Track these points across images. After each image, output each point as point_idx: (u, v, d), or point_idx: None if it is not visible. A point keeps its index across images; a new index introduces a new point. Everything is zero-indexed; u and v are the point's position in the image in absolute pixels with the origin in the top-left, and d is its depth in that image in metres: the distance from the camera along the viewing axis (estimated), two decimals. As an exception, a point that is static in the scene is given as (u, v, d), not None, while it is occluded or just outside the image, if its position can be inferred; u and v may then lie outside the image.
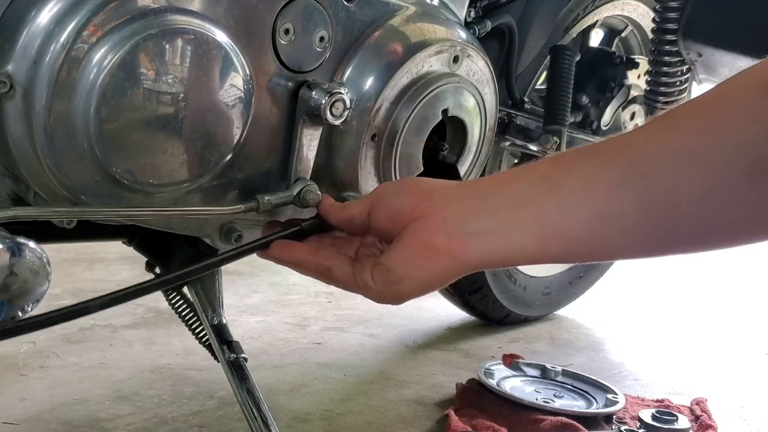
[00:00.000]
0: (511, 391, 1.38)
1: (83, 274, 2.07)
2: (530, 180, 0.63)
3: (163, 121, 0.80)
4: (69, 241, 1.00)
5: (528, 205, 0.62)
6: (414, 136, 0.99)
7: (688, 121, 0.56)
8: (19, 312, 0.74)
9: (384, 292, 0.68)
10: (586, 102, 1.58)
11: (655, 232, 0.58)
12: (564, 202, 0.60)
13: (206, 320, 1.05)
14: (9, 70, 0.74)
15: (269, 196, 0.90)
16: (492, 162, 1.54)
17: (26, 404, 1.30)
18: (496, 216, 0.63)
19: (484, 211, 0.64)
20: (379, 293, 0.69)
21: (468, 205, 0.65)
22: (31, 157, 0.77)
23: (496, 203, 0.64)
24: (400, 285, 0.67)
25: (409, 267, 0.66)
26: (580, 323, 1.96)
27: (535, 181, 0.62)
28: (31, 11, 0.74)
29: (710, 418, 1.35)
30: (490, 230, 0.63)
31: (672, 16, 1.37)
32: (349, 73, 0.95)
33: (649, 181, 0.56)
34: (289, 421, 1.29)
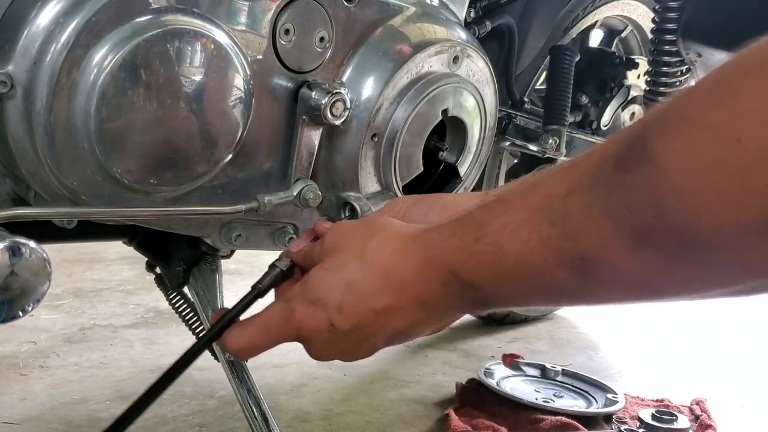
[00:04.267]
0: (511, 390, 1.38)
1: (84, 274, 2.08)
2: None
3: (163, 121, 0.80)
4: (69, 241, 1.00)
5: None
6: (414, 136, 1.00)
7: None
8: (19, 312, 0.74)
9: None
10: (586, 102, 1.58)
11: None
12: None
13: (206, 320, 1.05)
14: (9, 70, 0.74)
15: (270, 196, 0.91)
16: (492, 162, 1.55)
17: (27, 404, 1.31)
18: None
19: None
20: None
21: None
22: (32, 157, 0.77)
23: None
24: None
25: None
26: (579, 323, 1.96)
27: None
28: (32, 11, 0.74)
29: (710, 418, 1.35)
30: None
31: (672, 16, 1.37)
32: (350, 73, 0.95)
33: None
34: (290, 420, 1.29)
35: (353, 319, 0.62)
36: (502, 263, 0.54)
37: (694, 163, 0.42)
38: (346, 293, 0.62)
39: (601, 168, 0.48)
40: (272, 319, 0.66)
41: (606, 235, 0.47)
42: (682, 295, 0.50)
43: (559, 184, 0.51)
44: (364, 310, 0.61)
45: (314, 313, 0.63)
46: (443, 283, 0.58)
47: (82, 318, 1.75)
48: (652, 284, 0.49)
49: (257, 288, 0.69)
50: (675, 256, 0.45)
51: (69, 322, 1.70)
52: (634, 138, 0.46)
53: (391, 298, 0.61)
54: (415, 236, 0.61)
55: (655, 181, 0.44)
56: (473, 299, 0.59)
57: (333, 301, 0.62)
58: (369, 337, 0.63)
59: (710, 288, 0.48)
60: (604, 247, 0.48)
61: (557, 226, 0.50)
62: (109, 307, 1.85)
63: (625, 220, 0.46)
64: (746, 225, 0.41)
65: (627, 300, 0.53)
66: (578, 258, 0.50)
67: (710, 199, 0.41)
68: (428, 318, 0.62)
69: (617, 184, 0.46)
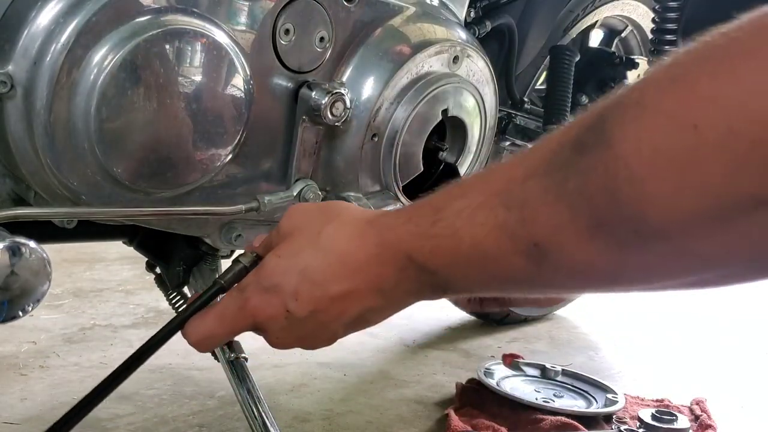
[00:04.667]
0: (511, 390, 1.38)
1: (84, 274, 2.07)
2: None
3: (163, 121, 0.80)
4: (69, 241, 1.00)
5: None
6: (414, 136, 1.00)
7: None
8: (19, 312, 0.74)
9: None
10: (586, 102, 1.58)
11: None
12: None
13: (206, 320, 1.05)
14: (9, 70, 0.74)
15: (270, 196, 0.91)
16: (492, 162, 1.54)
17: (27, 404, 1.31)
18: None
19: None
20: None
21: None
22: (32, 157, 0.77)
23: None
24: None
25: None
26: (579, 323, 1.96)
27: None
28: (32, 11, 0.74)
29: (710, 418, 1.35)
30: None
31: (672, 16, 1.37)
32: (349, 73, 0.95)
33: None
34: (290, 420, 1.29)
35: (309, 305, 0.61)
36: (459, 247, 0.53)
37: (648, 149, 0.41)
38: (301, 279, 0.61)
39: (559, 153, 0.48)
40: (227, 309, 0.65)
41: (561, 222, 0.47)
42: (638, 284, 0.49)
43: (517, 169, 0.51)
44: (321, 296, 0.61)
45: (269, 300, 0.62)
46: (399, 268, 0.58)
47: (82, 318, 1.74)
48: (606, 273, 0.48)
49: (218, 283, 0.69)
50: (628, 244, 0.44)
51: (69, 322, 1.70)
52: (593, 122, 0.46)
53: (347, 283, 0.60)
54: (371, 220, 0.61)
55: (611, 167, 0.43)
56: (430, 284, 0.58)
57: (288, 287, 0.61)
58: (327, 323, 0.62)
59: (665, 278, 0.47)
60: (558, 234, 0.47)
61: (513, 211, 0.49)
62: (109, 307, 1.85)
63: (580, 206, 0.45)
64: (699, 213, 0.40)
65: (582, 289, 0.53)
66: (533, 244, 0.49)
67: (664, 187, 0.41)
68: (385, 304, 0.61)
69: (574, 168, 0.46)
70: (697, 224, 0.41)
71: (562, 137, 0.48)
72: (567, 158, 0.47)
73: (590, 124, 0.46)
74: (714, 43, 0.41)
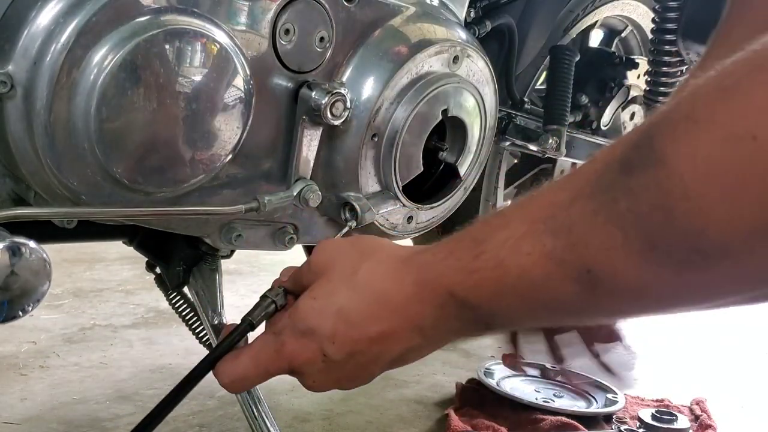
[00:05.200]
0: (511, 391, 1.38)
1: (84, 274, 2.08)
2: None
3: (163, 121, 0.80)
4: (69, 241, 1.00)
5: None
6: (414, 136, 0.99)
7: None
8: (19, 312, 0.74)
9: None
10: (586, 102, 1.58)
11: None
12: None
13: (206, 320, 1.05)
14: (9, 70, 0.74)
15: (270, 197, 0.91)
16: (492, 162, 1.54)
17: (27, 404, 1.31)
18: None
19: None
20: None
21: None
22: (32, 157, 0.77)
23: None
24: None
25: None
26: (580, 323, 1.95)
27: None
28: (32, 11, 0.74)
29: (710, 418, 1.35)
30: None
31: (672, 16, 1.37)
32: (350, 73, 0.95)
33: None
34: (289, 420, 1.29)
35: (346, 347, 0.60)
36: (504, 280, 0.51)
37: (704, 163, 0.40)
38: (337, 321, 0.59)
39: (605, 173, 0.46)
40: (263, 352, 0.64)
41: (614, 245, 0.45)
42: (697, 304, 0.48)
43: (560, 193, 0.49)
44: (358, 338, 0.59)
45: (305, 344, 0.61)
46: (439, 305, 0.56)
47: (82, 318, 1.74)
48: (663, 295, 0.47)
49: (247, 320, 0.67)
50: (687, 264, 0.43)
51: (69, 322, 1.70)
52: (640, 140, 0.44)
53: (385, 324, 0.58)
54: (407, 258, 0.59)
55: (664, 184, 0.42)
56: (473, 320, 0.56)
57: (324, 330, 0.60)
58: (365, 365, 0.61)
59: (726, 295, 0.46)
60: (612, 258, 0.45)
61: (561, 238, 0.48)
62: (109, 307, 1.85)
63: (633, 227, 0.44)
64: (761, 226, 0.39)
65: (637, 313, 0.51)
66: (585, 270, 0.47)
67: (723, 201, 0.40)
68: (425, 342, 0.60)
69: (623, 189, 0.44)
70: (759, 238, 0.40)
71: (606, 158, 0.47)
72: (614, 179, 0.45)
73: (637, 143, 0.45)
74: (764, 51, 0.40)
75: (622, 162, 0.45)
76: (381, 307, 0.59)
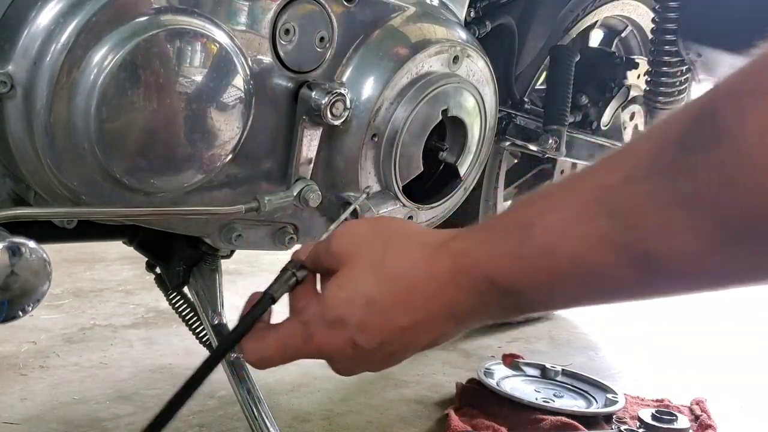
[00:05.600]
0: (511, 390, 1.38)
1: (84, 274, 2.07)
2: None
3: (163, 121, 0.80)
4: (69, 241, 1.00)
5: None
6: (414, 136, 1.00)
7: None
8: (19, 312, 0.74)
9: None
10: (586, 102, 1.58)
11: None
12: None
13: (206, 320, 1.05)
14: (9, 71, 0.74)
15: (270, 197, 0.91)
16: (492, 162, 1.55)
17: (27, 404, 1.31)
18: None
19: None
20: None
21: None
22: (32, 157, 0.77)
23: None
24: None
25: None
26: (579, 323, 1.96)
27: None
28: (32, 11, 0.74)
29: (710, 418, 1.35)
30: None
31: (672, 16, 1.37)
32: (350, 73, 0.95)
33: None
34: (289, 420, 1.29)
35: (377, 337, 0.58)
36: (554, 266, 0.49)
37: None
38: (367, 312, 0.58)
39: (663, 153, 0.44)
40: (291, 339, 0.63)
41: (676, 227, 0.43)
42: (759, 280, 0.45)
43: (611, 175, 0.47)
44: (389, 328, 0.58)
45: (335, 334, 0.60)
46: (478, 292, 0.54)
47: (82, 318, 1.74)
48: (725, 272, 0.45)
49: (269, 295, 0.65)
50: (756, 241, 0.41)
51: (69, 322, 1.70)
52: (701, 117, 0.42)
53: (418, 313, 0.57)
54: (440, 245, 0.57)
55: (731, 161, 0.40)
56: (512, 306, 0.54)
57: (354, 320, 0.58)
58: (395, 352, 0.60)
59: None
60: (674, 239, 0.43)
61: (617, 220, 0.46)
62: (109, 307, 1.85)
63: (698, 207, 0.42)
64: None
65: (691, 291, 0.48)
66: (642, 253, 0.45)
67: None
68: (457, 328, 0.59)
69: (685, 169, 0.42)
70: None
71: (661, 136, 0.45)
72: (673, 160, 0.43)
73: (697, 119, 0.43)
74: None
75: (681, 141, 0.43)
76: (413, 296, 0.57)
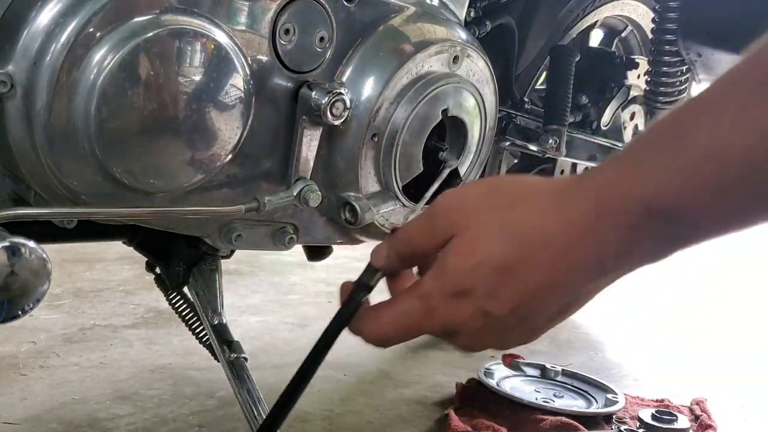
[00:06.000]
0: (511, 390, 1.38)
1: (84, 274, 2.07)
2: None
3: (163, 121, 0.80)
4: (69, 241, 1.00)
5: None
6: (414, 136, 0.99)
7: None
8: (19, 312, 0.74)
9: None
10: (586, 102, 1.58)
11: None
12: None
13: (206, 320, 1.05)
14: (9, 70, 0.74)
15: (270, 197, 0.91)
16: (492, 162, 1.54)
17: (27, 404, 1.31)
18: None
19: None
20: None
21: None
22: (32, 156, 0.77)
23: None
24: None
25: None
26: (579, 323, 1.96)
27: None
28: (32, 11, 0.74)
29: (710, 418, 1.35)
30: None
31: (672, 16, 1.37)
32: (350, 73, 0.95)
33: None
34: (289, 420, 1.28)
35: (511, 302, 0.53)
36: (723, 170, 0.43)
37: None
38: (497, 276, 0.52)
39: None
40: (409, 317, 0.58)
41: None
42: None
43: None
44: (524, 290, 0.52)
45: (461, 306, 0.54)
46: (629, 227, 0.48)
47: (82, 318, 1.74)
48: None
49: (362, 283, 0.62)
50: None
51: (69, 322, 1.70)
52: None
53: (557, 268, 0.51)
54: (572, 187, 0.51)
55: None
56: (670, 237, 0.48)
57: (482, 287, 0.53)
58: (531, 319, 0.55)
59: None
60: None
61: None
62: (109, 307, 1.85)
63: None
64: None
65: None
66: None
67: None
68: (599, 281, 0.53)
69: None
70: None
71: None
72: None
73: None
74: None
75: None
76: (549, 251, 0.51)
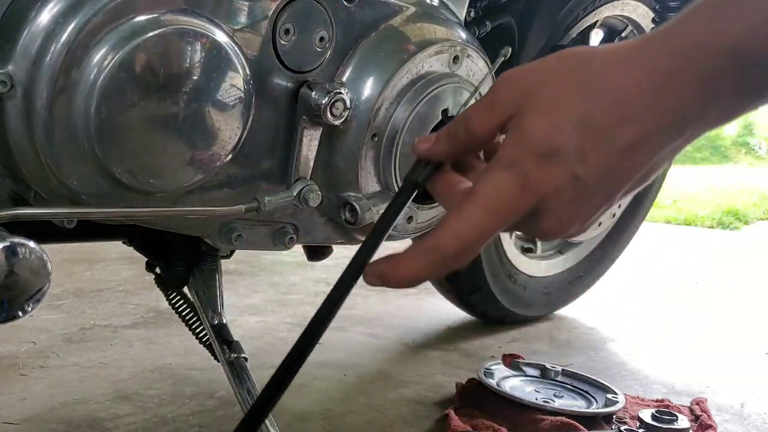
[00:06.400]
0: (511, 390, 1.38)
1: (84, 274, 2.08)
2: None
3: (163, 121, 0.80)
4: (69, 241, 1.00)
5: None
6: (414, 136, 0.99)
7: None
8: (19, 312, 0.74)
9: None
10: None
11: None
12: None
13: (206, 320, 1.05)
14: (9, 70, 0.74)
15: (270, 197, 0.91)
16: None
17: (27, 404, 1.31)
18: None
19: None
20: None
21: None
22: (32, 156, 0.77)
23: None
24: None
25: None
26: (579, 323, 1.96)
27: None
28: (32, 11, 0.74)
29: (710, 418, 1.35)
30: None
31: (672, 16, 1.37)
32: (349, 73, 0.95)
33: None
34: (289, 420, 1.29)
35: (600, 165, 0.50)
36: None
37: None
38: (582, 134, 0.49)
39: None
40: (501, 195, 0.51)
41: None
42: None
43: None
44: (612, 150, 0.49)
45: (552, 169, 0.50)
46: (714, 74, 0.46)
47: (82, 318, 1.75)
48: None
49: (412, 180, 0.58)
50: None
51: (69, 322, 1.70)
52: None
53: (642, 123, 0.48)
54: (648, 39, 0.49)
55: None
56: (756, 87, 0.46)
57: (570, 147, 0.49)
58: (615, 187, 0.51)
59: None
60: None
61: None
62: (109, 307, 1.85)
63: None
64: None
65: None
66: None
67: None
68: (683, 138, 0.50)
69: None
70: None
71: None
72: None
73: None
74: None
75: None
76: (633, 102, 0.48)
